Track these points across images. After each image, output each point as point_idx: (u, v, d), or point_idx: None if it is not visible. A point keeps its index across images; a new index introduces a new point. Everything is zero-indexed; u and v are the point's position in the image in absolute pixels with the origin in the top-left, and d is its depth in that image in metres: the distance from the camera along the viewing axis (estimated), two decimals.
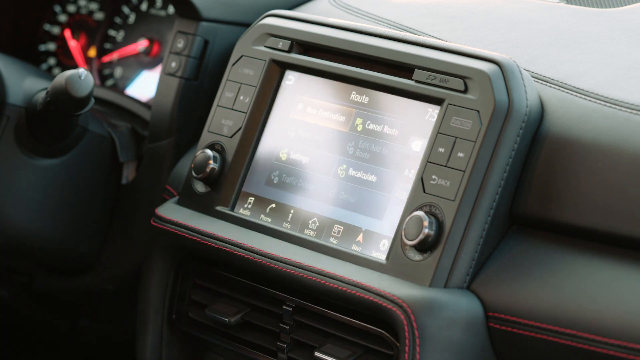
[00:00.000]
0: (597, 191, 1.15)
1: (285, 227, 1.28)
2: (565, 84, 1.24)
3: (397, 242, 1.19)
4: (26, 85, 1.52)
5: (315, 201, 1.28)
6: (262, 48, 1.37)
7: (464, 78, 1.20)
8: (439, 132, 1.20)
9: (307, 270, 1.22)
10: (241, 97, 1.37)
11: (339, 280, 1.19)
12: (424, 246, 1.17)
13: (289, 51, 1.35)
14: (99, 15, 1.87)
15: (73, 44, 1.89)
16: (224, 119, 1.37)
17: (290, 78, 1.35)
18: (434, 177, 1.19)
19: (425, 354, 1.13)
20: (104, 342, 1.78)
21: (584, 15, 1.42)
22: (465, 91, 1.20)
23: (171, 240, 1.34)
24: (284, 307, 1.25)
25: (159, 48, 1.78)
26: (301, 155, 1.31)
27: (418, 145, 1.23)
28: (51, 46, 1.91)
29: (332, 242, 1.25)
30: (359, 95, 1.29)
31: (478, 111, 1.18)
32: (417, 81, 1.24)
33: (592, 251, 1.15)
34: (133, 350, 1.44)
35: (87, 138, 1.55)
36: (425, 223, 1.16)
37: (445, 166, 1.19)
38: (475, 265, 1.18)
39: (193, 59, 1.52)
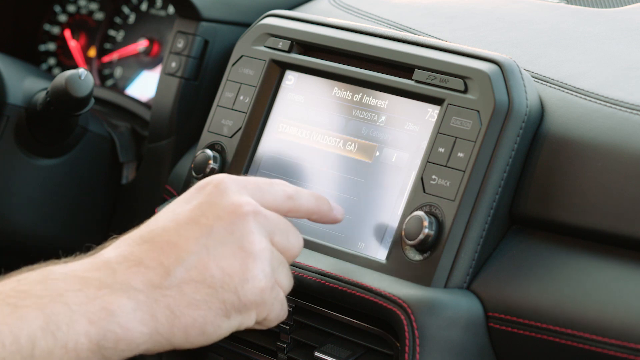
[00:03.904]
0: (597, 191, 1.15)
1: None
2: (566, 84, 1.24)
3: (397, 242, 1.19)
4: (26, 85, 1.52)
5: None
6: (262, 48, 1.37)
7: (464, 78, 1.20)
8: (439, 132, 1.20)
9: (307, 270, 1.22)
10: (241, 97, 1.37)
11: (339, 280, 1.19)
12: (424, 246, 1.17)
13: (289, 51, 1.35)
14: (99, 15, 1.87)
15: (73, 44, 1.89)
16: (224, 119, 1.37)
17: (290, 78, 1.35)
18: (434, 177, 1.19)
19: (425, 354, 1.13)
20: None
21: (584, 15, 1.42)
22: (465, 91, 1.20)
23: None
24: None
25: (159, 48, 1.78)
26: (301, 156, 1.31)
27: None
28: (51, 46, 1.91)
29: (332, 242, 1.25)
30: (358, 95, 1.29)
31: (478, 111, 1.18)
32: (417, 81, 1.24)
33: (592, 251, 1.15)
34: None
35: (87, 138, 1.55)
36: (425, 223, 1.16)
37: (445, 166, 1.19)
38: (475, 265, 1.18)
39: (193, 59, 1.52)
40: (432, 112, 1.23)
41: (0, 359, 0.93)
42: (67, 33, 1.90)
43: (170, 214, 1.08)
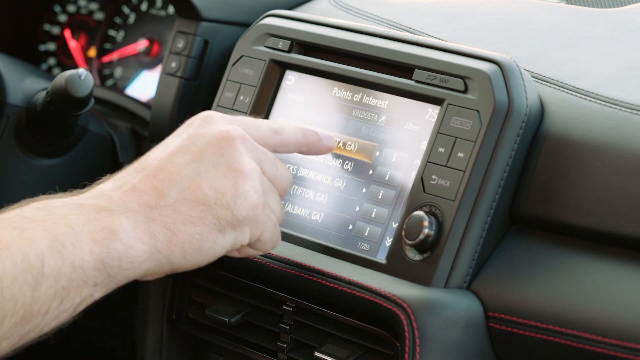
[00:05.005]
0: (597, 191, 1.15)
1: (285, 227, 1.28)
2: (566, 84, 1.24)
3: (397, 242, 1.19)
4: (26, 85, 1.52)
5: (315, 201, 1.28)
6: (262, 48, 1.37)
7: (464, 78, 1.20)
8: (439, 132, 1.20)
9: (307, 270, 1.22)
10: (241, 97, 1.37)
11: (339, 280, 1.19)
12: (424, 246, 1.17)
13: (289, 51, 1.35)
14: (99, 15, 1.87)
15: (73, 44, 1.89)
16: None
17: (291, 78, 1.35)
18: (434, 177, 1.19)
19: (425, 354, 1.13)
20: (101, 342, 1.78)
21: (584, 15, 1.42)
22: (465, 91, 1.20)
23: None
24: (284, 307, 1.25)
25: (159, 48, 1.78)
26: (301, 156, 1.30)
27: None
28: (51, 46, 1.91)
29: (332, 242, 1.25)
30: (358, 95, 1.29)
31: (478, 111, 1.18)
32: (417, 81, 1.24)
33: (592, 251, 1.15)
34: (131, 351, 1.44)
35: (87, 138, 1.55)
36: (425, 223, 1.16)
37: (445, 166, 1.19)
38: (475, 265, 1.18)
39: (193, 59, 1.52)
40: (432, 112, 1.23)
41: (13, 277, 0.97)
42: (67, 33, 1.90)
43: (162, 147, 1.13)
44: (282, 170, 1.16)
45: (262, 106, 1.35)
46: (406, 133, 1.24)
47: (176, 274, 1.35)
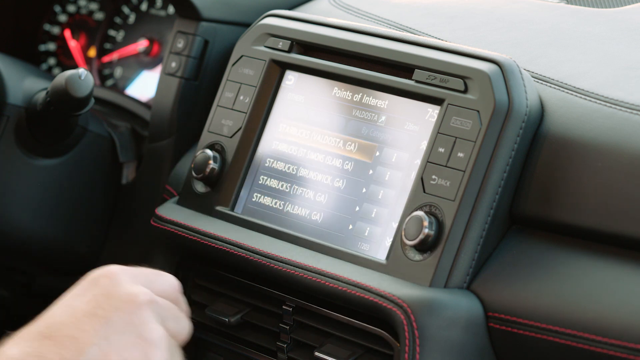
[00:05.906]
0: (597, 191, 1.15)
1: (285, 227, 1.28)
2: (566, 84, 1.24)
3: (397, 242, 1.19)
4: (26, 85, 1.52)
5: (316, 201, 1.28)
6: (262, 48, 1.37)
7: (464, 78, 1.20)
8: (439, 132, 1.20)
9: (307, 270, 1.22)
10: (241, 97, 1.37)
11: (339, 280, 1.19)
12: (424, 246, 1.17)
13: (289, 51, 1.35)
14: (99, 15, 1.87)
15: (73, 44, 1.89)
16: (224, 119, 1.37)
17: (291, 78, 1.35)
18: (434, 177, 1.19)
19: (425, 354, 1.13)
20: None
21: (584, 15, 1.42)
22: (465, 91, 1.20)
23: (171, 240, 1.34)
24: (284, 307, 1.25)
25: (159, 48, 1.78)
26: (301, 156, 1.31)
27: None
28: (51, 46, 1.91)
29: (332, 242, 1.25)
30: (358, 95, 1.29)
31: (478, 111, 1.18)
32: (417, 81, 1.24)
33: (592, 251, 1.15)
34: None
35: (87, 138, 1.55)
36: (425, 223, 1.16)
37: (445, 166, 1.19)
38: (475, 265, 1.18)
39: (193, 59, 1.52)
40: (432, 112, 1.23)
41: None
42: (67, 33, 1.90)
43: (67, 308, 1.08)
44: (184, 323, 1.14)
45: (262, 106, 1.35)
46: (406, 133, 1.24)
47: (176, 273, 1.35)
